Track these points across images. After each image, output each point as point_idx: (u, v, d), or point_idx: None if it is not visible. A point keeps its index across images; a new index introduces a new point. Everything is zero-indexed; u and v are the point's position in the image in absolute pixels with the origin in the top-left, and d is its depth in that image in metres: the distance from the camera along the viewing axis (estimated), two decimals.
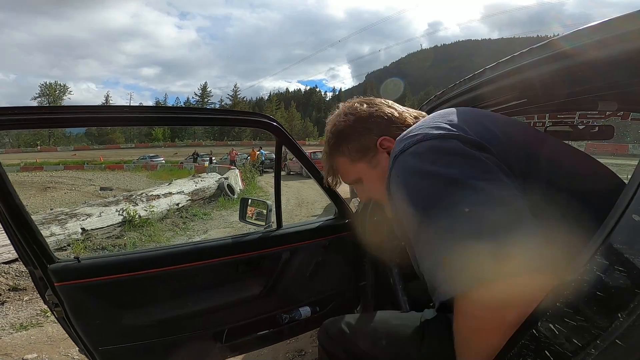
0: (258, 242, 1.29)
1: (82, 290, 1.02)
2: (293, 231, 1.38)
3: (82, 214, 4.96)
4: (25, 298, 2.96)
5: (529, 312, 0.41)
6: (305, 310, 1.43)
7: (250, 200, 1.51)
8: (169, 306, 1.16)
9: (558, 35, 0.63)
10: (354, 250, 1.51)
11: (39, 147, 56.89)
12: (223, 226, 5.97)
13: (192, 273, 1.18)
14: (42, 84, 76.13)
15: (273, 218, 1.38)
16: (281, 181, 1.43)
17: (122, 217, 5.35)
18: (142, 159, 28.67)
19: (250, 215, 1.45)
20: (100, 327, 1.06)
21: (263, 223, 1.36)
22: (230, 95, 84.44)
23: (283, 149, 1.33)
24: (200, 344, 1.24)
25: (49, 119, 1.01)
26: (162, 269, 1.12)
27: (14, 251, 1.12)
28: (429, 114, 1.14)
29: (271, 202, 1.39)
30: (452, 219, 0.47)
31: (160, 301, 1.15)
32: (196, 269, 1.18)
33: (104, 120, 1.13)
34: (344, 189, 7.33)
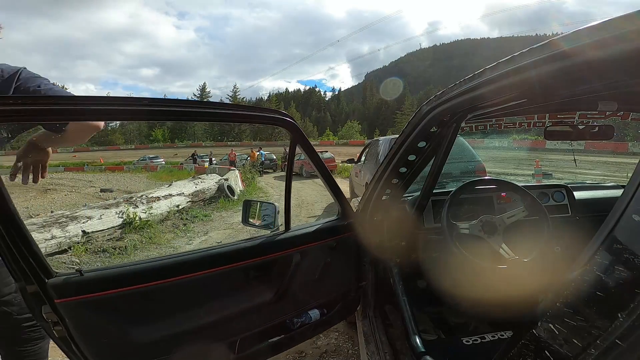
0: (268, 246, 1.24)
1: (86, 306, 0.92)
2: (302, 233, 1.33)
3: (82, 216, 4.98)
4: None
5: None
6: (315, 313, 1.41)
7: (254, 203, 1.47)
8: (180, 318, 1.08)
9: (557, 34, 0.63)
10: (357, 250, 1.50)
11: None
12: (223, 227, 5.97)
13: (202, 282, 1.10)
14: None
15: (279, 220, 1.34)
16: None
17: (122, 219, 5.36)
18: (142, 160, 28.59)
19: (255, 220, 1.41)
20: (108, 345, 0.98)
21: (267, 227, 1.32)
22: (230, 96, 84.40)
23: (284, 150, 1.31)
24: (214, 356, 1.18)
25: (58, 110, 0.86)
26: (172, 279, 1.04)
27: None
28: (428, 115, 1.14)
29: (277, 204, 1.36)
30: None
31: (171, 314, 1.07)
32: (207, 278, 1.10)
33: (109, 114, 0.99)
34: (344, 189, 7.30)
